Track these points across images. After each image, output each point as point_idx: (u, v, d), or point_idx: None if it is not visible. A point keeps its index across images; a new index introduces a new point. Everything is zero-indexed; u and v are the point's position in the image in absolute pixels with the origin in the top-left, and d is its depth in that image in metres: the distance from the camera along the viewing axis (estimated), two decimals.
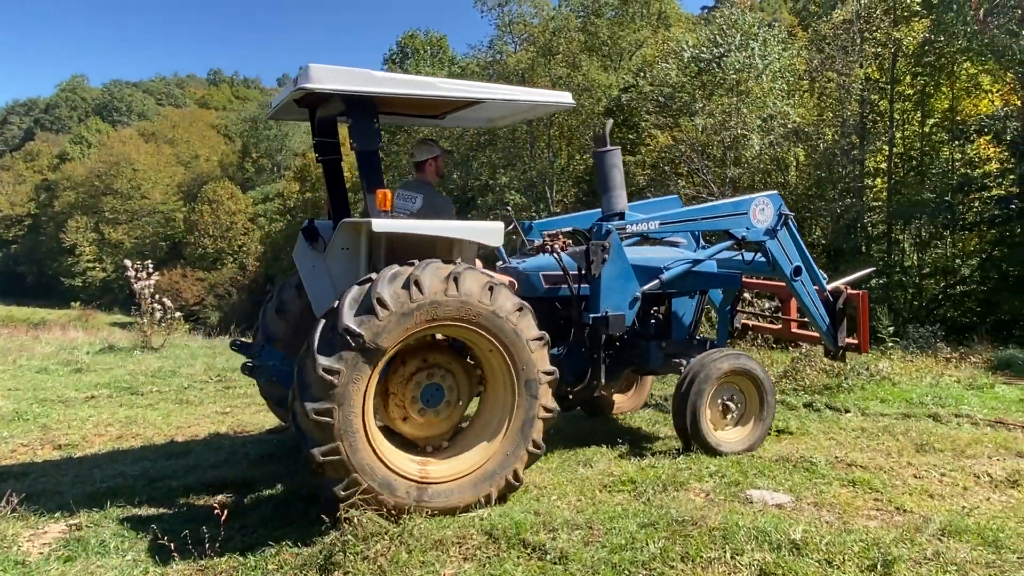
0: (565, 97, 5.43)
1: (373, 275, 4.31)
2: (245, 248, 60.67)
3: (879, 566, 3.69)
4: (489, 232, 4.82)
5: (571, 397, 6.31)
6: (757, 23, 23.75)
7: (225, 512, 4.17)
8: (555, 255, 5.61)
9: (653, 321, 6.35)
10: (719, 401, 5.77)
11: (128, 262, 13.40)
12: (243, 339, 6.01)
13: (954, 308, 22.56)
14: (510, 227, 6.07)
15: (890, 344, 10.13)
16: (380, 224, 4.52)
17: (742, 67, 22.47)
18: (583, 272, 5.55)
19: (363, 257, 4.90)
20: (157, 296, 12.95)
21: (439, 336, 4.74)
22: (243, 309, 53.24)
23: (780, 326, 7.51)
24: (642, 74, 29.01)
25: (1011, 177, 21.89)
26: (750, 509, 4.54)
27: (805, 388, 7.84)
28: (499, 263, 5.83)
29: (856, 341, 6.48)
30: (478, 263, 5.12)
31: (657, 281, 5.88)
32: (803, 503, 4.71)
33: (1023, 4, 17.42)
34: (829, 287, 6.44)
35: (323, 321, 4.22)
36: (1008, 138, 21.28)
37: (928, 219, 22.52)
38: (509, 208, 6.96)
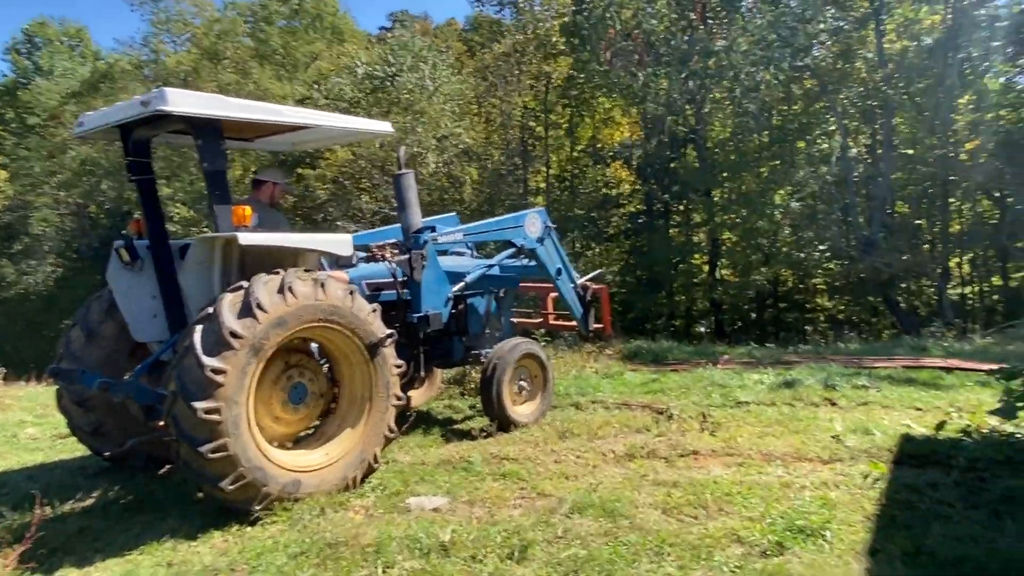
0: (384, 126, 6.28)
1: (243, 283, 4.59)
2: None
3: (517, 552, 3.91)
4: (340, 243, 5.44)
5: None
6: (426, 48, 24.86)
7: None
8: (388, 263, 6.33)
9: (454, 319, 6.96)
10: (515, 382, 6.78)
11: None
12: (59, 366, 5.51)
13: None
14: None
15: (543, 344, 11.14)
16: (247, 238, 4.81)
17: (414, 87, 23.32)
18: (406, 278, 6.25)
19: (217, 271, 5.23)
20: None
21: (301, 338, 5.05)
22: None
23: (541, 319, 8.84)
24: (317, 86, 28.53)
25: (639, 196, 26.03)
26: (407, 518, 4.54)
27: (470, 392, 8.21)
28: (322, 272, 5.72)
29: (601, 325, 8.11)
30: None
31: (463, 283, 6.78)
32: (458, 503, 4.85)
33: (639, 50, 20.71)
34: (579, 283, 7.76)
35: (200, 326, 4.40)
36: (635, 163, 25.28)
37: (579, 232, 25.67)
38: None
